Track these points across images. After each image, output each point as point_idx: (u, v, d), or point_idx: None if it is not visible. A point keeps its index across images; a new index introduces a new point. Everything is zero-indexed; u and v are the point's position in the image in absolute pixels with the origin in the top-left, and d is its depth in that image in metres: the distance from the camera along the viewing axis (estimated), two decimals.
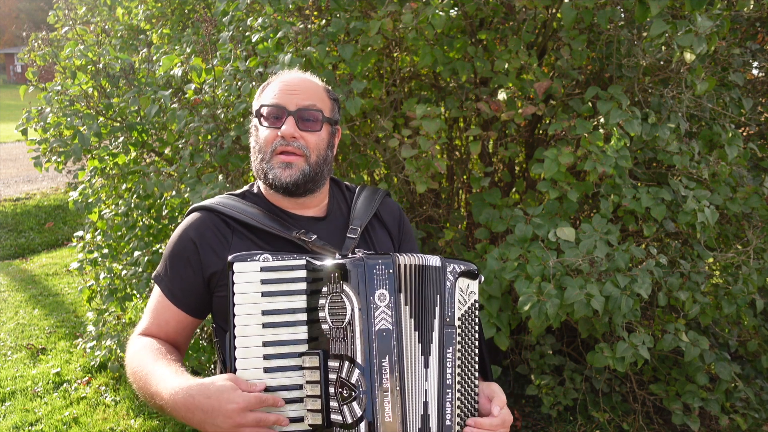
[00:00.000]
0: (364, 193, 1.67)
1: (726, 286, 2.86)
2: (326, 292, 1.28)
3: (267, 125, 1.48)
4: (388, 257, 1.29)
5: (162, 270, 1.52)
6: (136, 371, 1.42)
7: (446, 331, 1.34)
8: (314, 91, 1.52)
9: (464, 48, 2.89)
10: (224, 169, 3.12)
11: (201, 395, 1.22)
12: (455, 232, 3.21)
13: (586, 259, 2.46)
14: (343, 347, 1.24)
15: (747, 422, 2.95)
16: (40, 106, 3.49)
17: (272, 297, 1.30)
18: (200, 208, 1.53)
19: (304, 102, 1.48)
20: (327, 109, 1.52)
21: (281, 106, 1.47)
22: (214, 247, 1.47)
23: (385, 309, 1.26)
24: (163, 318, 1.51)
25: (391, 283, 1.27)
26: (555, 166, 2.55)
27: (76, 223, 8.17)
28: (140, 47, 4.04)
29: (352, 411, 1.21)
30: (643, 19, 2.37)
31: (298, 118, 1.47)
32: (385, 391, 1.23)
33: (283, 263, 1.32)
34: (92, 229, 3.94)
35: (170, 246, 1.52)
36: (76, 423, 3.66)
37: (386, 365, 1.24)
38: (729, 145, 2.74)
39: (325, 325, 1.27)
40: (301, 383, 1.28)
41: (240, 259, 1.31)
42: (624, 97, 2.58)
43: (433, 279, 1.34)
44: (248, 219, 1.48)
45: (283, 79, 1.53)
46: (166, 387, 1.28)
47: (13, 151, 13.99)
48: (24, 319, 5.36)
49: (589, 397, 3.32)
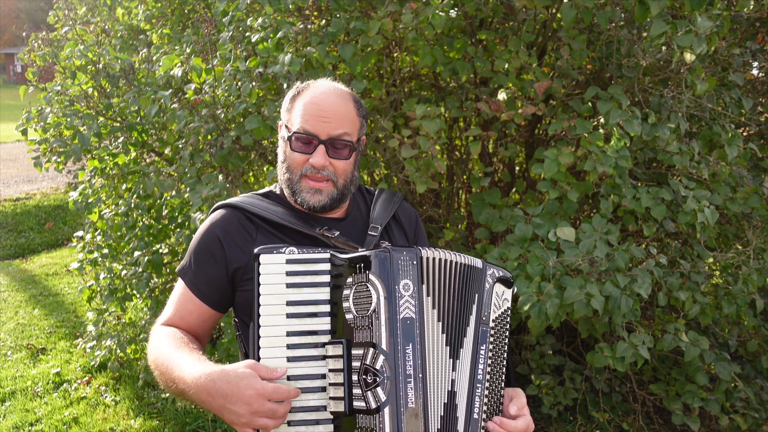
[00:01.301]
0: (383, 196, 1.72)
1: (726, 286, 2.86)
2: (351, 283, 1.31)
3: (298, 150, 1.51)
4: (412, 249, 1.33)
5: (187, 264, 1.57)
6: (159, 357, 1.44)
7: (481, 329, 1.40)
8: (345, 115, 1.52)
9: (464, 48, 2.89)
10: (224, 169, 3.12)
11: (222, 380, 1.24)
12: (455, 232, 3.21)
13: (586, 259, 2.46)
14: (367, 335, 1.27)
15: (747, 422, 2.95)
16: (40, 106, 3.49)
17: (297, 288, 1.34)
18: (225, 206, 1.58)
19: (336, 131, 1.49)
20: (356, 132, 1.54)
21: (313, 134, 1.49)
22: (239, 242, 1.51)
23: (409, 298, 1.29)
24: (186, 310, 1.55)
25: (414, 274, 1.31)
26: (555, 166, 2.55)
27: (76, 223, 8.18)
28: (140, 47, 4.04)
29: (376, 396, 1.24)
30: (643, 19, 2.37)
31: (328, 146, 1.49)
32: (408, 377, 1.26)
33: (309, 256, 1.36)
34: (92, 229, 3.94)
35: (195, 241, 1.56)
36: (76, 423, 3.66)
37: (410, 352, 1.27)
38: (729, 145, 2.74)
39: (349, 314, 1.30)
40: (322, 372, 1.31)
41: (266, 251, 1.35)
42: (624, 97, 2.58)
43: (472, 278, 1.41)
44: (272, 216, 1.53)
45: (315, 98, 1.52)
46: (189, 372, 1.31)
47: (13, 151, 13.99)
48: (24, 319, 5.37)
49: (589, 397, 3.32)
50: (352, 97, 1.57)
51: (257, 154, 3.24)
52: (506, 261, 2.52)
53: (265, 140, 3.19)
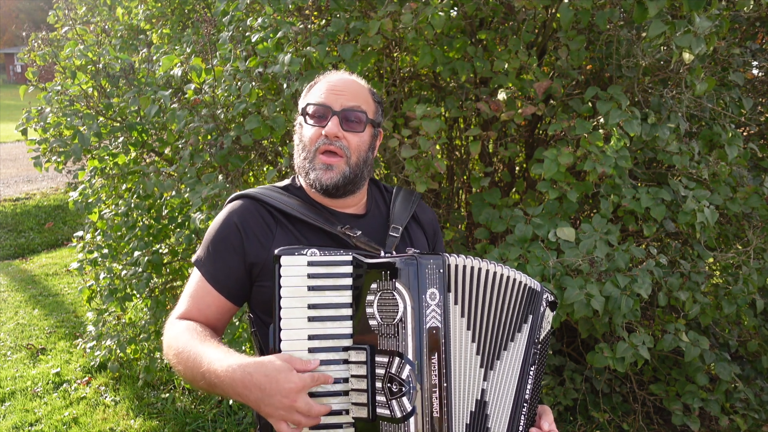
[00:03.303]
0: (401, 194, 1.71)
1: (726, 286, 2.86)
2: (376, 289, 1.29)
3: (312, 123, 1.52)
4: (438, 257, 1.32)
5: (204, 254, 1.53)
6: (182, 351, 1.39)
7: (533, 350, 1.43)
8: (359, 92, 1.55)
9: (464, 48, 2.89)
10: (224, 169, 3.12)
11: (259, 373, 1.22)
12: (455, 232, 3.21)
13: (586, 259, 2.46)
14: (393, 343, 1.26)
15: (747, 423, 2.95)
16: (40, 106, 3.49)
17: (318, 291, 1.32)
18: (244, 196, 1.55)
19: (349, 103, 1.51)
20: (371, 111, 1.56)
21: (327, 105, 1.50)
22: (259, 235, 1.49)
23: (435, 307, 1.29)
24: (204, 302, 1.50)
25: (441, 282, 1.30)
26: (555, 167, 2.55)
27: (76, 223, 8.18)
28: (140, 47, 4.04)
29: (402, 406, 1.24)
30: (641, 20, 2.37)
31: (342, 118, 1.50)
32: (434, 387, 1.26)
33: (331, 258, 1.34)
34: (92, 229, 3.94)
35: (213, 231, 1.53)
36: (75, 423, 3.66)
37: (435, 362, 1.27)
38: (729, 145, 2.74)
39: (373, 321, 1.29)
40: (344, 376, 1.30)
41: (287, 252, 1.32)
42: (624, 98, 2.58)
43: (530, 299, 1.46)
44: (292, 210, 1.51)
45: (329, 79, 1.56)
46: (222, 365, 1.27)
47: (13, 151, 13.99)
48: (24, 319, 5.36)
49: (589, 397, 3.32)
50: (366, 84, 1.61)
51: (257, 154, 3.24)
52: (506, 261, 2.52)
53: (265, 140, 3.19)
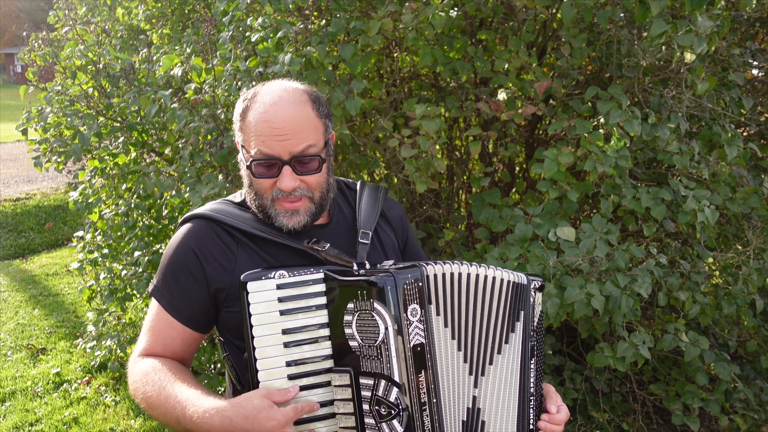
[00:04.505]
0: (366, 192, 1.58)
1: (726, 286, 2.86)
2: (353, 309, 1.22)
3: (261, 176, 1.34)
4: (416, 269, 1.25)
5: (161, 283, 1.40)
6: (151, 397, 1.31)
7: (530, 344, 1.38)
8: (303, 124, 1.33)
9: (464, 48, 2.89)
10: (224, 169, 3.12)
11: (238, 416, 1.16)
12: (455, 232, 3.21)
13: (586, 259, 2.46)
14: (377, 365, 1.21)
15: (746, 423, 2.95)
16: (40, 106, 3.49)
17: (291, 314, 1.24)
18: (197, 216, 1.41)
19: (298, 147, 1.31)
20: (321, 137, 1.36)
21: (273, 156, 1.31)
22: (219, 259, 1.37)
23: (418, 323, 1.23)
24: (168, 336, 1.40)
25: (421, 295, 1.24)
26: (555, 166, 2.55)
27: (76, 223, 8.18)
28: (140, 47, 4.04)
29: (392, 428, 1.21)
30: (643, 19, 2.37)
31: (294, 165, 1.32)
32: (424, 405, 1.22)
33: (301, 278, 1.26)
34: (92, 229, 3.94)
35: (168, 258, 1.40)
36: (76, 423, 3.66)
37: (422, 380, 1.22)
38: (729, 145, 2.74)
39: (353, 342, 1.23)
40: (329, 399, 1.25)
41: (253, 277, 1.23)
42: (624, 97, 2.58)
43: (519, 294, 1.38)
44: (252, 228, 1.38)
45: (266, 114, 1.32)
46: (197, 411, 1.21)
47: (13, 151, 14.00)
48: (24, 319, 5.36)
49: (589, 397, 3.32)
50: (308, 98, 1.37)
51: None
52: (506, 261, 2.52)
53: None
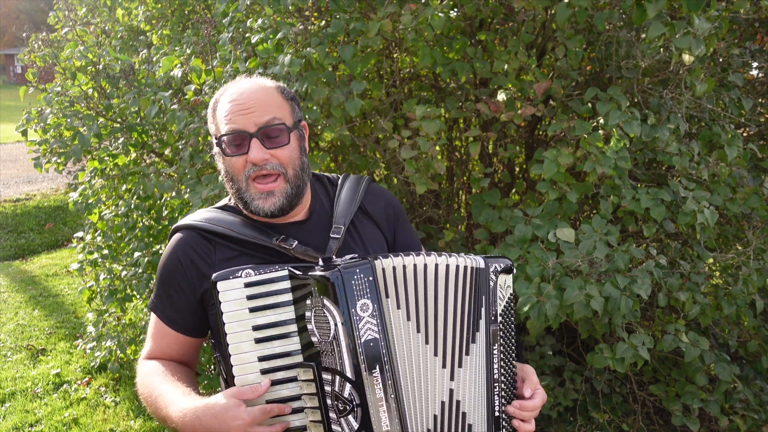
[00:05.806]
0: (347, 185, 1.59)
1: (726, 286, 2.86)
2: (310, 305, 1.26)
3: (232, 154, 1.39)
4: (366, 263, 1.25)
5: (155, 296, 1.51)
6: (147, 397, 1.41)
7: (492, 329, 1.36)
8: (268, 100, 1.40)
9: (463, 49, 2.89)
10: None
11: (207, 416, 1.22)
12: (455, 232, 3.21)
13: (586, 260, 2.46)
14: (332, 361, 1.24)
15: (746, 423, 2.95)
16: (40, 107, 3.49)
17: (260, 312, 1.29)
18: (182, 228, 1.50)
19: (263, 118, 1.37)
20: (288, 115, 1.42)
21: (240, 130, 1.36)
22: (200, 265, 1.44)
23: (369, 319, 1.23)
24: (165, 343, 1.50)
25: (372, 290, 1.24)
26: (554, 167, 2.55)
27: (76, 224, 8.17)
28: (140, 48, 4.04)
29: (349, 424, 1.22)
30: (640, 21, 2.37)
31: (262, 138, 1.36)
32: (380, 401, 1.22)
33: (266, 276, 1.30)
34: (92, 230, 3.94)
35: (159, 271, 1.50)
36: (76, 424, 3.66)
37: (377, 375, 1.22)
38: (729, 146, 2.74)
39: (314, 337, 1.26)
40: (300, 393, 1.29)
41: (222, 277, 1.29)
42: (623, 98, 2.58)
43: (478, 280, 1.35)
44: (227, 231, 1.44)
45: (232, 97, 1.40)
46: (175, 410, 1.29)
47: (13, 152, 14.00)
48: (24, 320, 5.36)
49: (589, 398, 3.32)
50: (274, 84, 1.45)
51: None
52: None
53: None
